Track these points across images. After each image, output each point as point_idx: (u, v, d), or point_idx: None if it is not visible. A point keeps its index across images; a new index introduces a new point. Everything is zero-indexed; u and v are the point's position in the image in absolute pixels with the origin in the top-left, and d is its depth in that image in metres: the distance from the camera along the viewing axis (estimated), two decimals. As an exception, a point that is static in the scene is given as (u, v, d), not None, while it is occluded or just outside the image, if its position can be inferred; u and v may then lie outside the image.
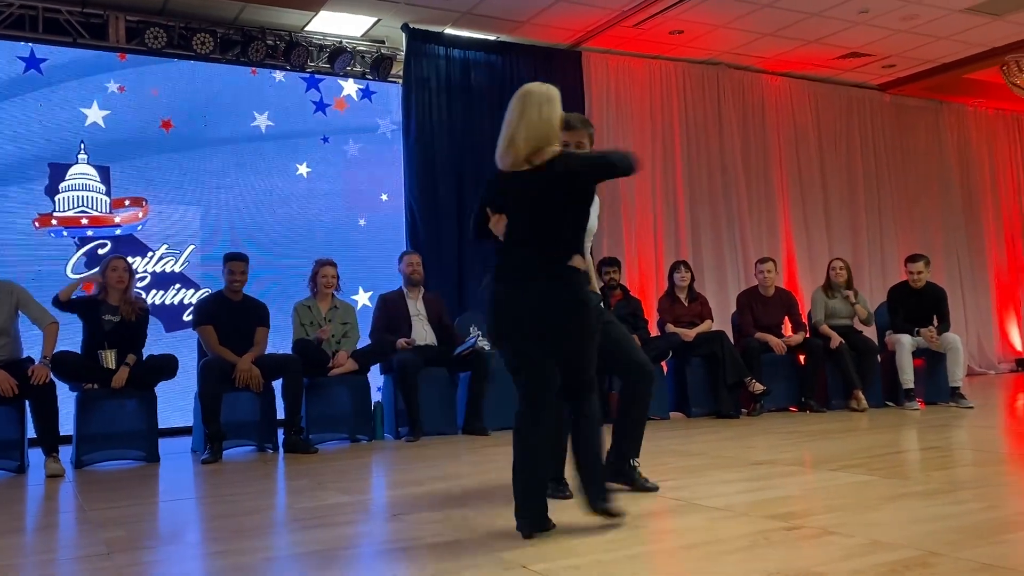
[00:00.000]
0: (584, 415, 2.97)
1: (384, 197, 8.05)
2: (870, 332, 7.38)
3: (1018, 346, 11.05)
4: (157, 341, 6.39)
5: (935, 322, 6.99)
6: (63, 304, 5.28)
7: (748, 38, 8.54)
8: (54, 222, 6.82)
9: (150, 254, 7.12)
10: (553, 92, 3.02)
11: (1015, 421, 6.24)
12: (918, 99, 10.59)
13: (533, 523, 2.82)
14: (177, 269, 7.20)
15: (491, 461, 4.70)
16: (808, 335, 7.15)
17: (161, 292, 7.11)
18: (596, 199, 3.14)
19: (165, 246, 7.17)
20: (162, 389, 5.57)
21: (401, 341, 6.15)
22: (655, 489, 3.53)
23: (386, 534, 3.12)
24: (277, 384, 5.72)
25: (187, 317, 7.05)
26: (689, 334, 6.86)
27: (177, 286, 7.18)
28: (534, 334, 2.89)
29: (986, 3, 7.85)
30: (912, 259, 7.14)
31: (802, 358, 7.09)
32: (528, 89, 3.02)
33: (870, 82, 10.13)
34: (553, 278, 2.90)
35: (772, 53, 9.01)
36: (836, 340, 6.85)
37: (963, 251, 10.78)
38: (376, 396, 6.38)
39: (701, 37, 8.48)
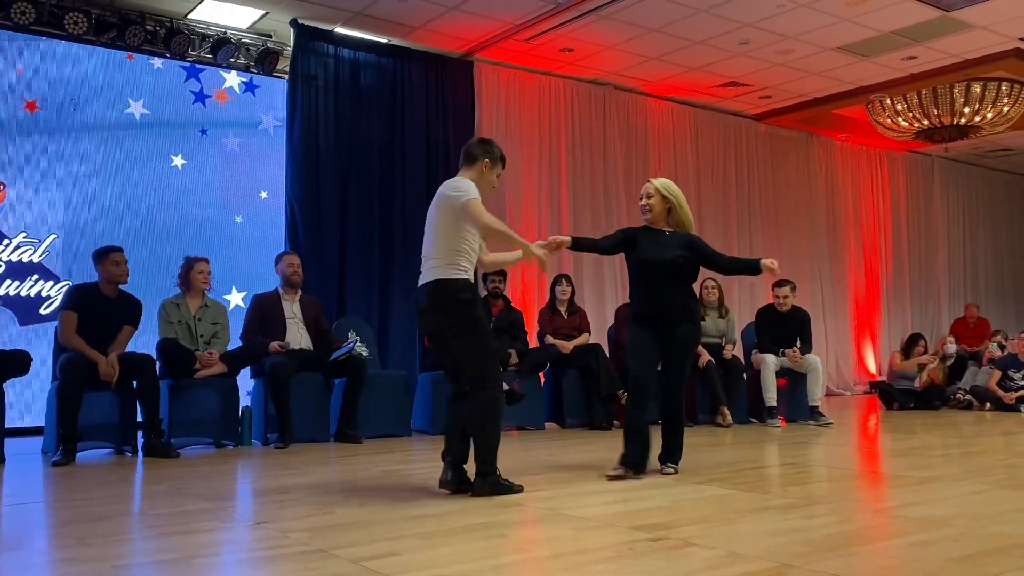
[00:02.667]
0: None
1: (263, 195, 7.83)
2: (736, 351, 7.66)
3: (872, 369, 11.71)
4: (7, 333, 6.00)
5: (798, 344, 7.32)
6: None
7: (635, 60, 8.77)
8: (-102, 202, 6.34)
9: (6, 242, 6.69)
10: None
11: (867, 440, 6.60)
12: (790, 130, 11.12)
13: None
14: (36, 259, 6.79)
15: (362, 470, 4.62)
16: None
17: (16, 283, 6.68)
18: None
19: (23, 234, 6.76)
20: (12, 386, 5.22)
21: (274, 344, 5.96)
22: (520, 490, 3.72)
23: (249, 542, 3.00)
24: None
25: (44, 310, 6.67)
26: (567, 346, 6.96)
27: (35, 277, 6.77)
28: None
29: (855, 44, 8.32)
30: (779, 284, 7.46)
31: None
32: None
33: (747, 111, 10.57)
34: None
35: (657, 77, 9.28)
36: (705, 358, 7.06)
37: (826, 278, 11.36)
38: (245, 400, 6.18)
39: (590, 56, 8.65)
